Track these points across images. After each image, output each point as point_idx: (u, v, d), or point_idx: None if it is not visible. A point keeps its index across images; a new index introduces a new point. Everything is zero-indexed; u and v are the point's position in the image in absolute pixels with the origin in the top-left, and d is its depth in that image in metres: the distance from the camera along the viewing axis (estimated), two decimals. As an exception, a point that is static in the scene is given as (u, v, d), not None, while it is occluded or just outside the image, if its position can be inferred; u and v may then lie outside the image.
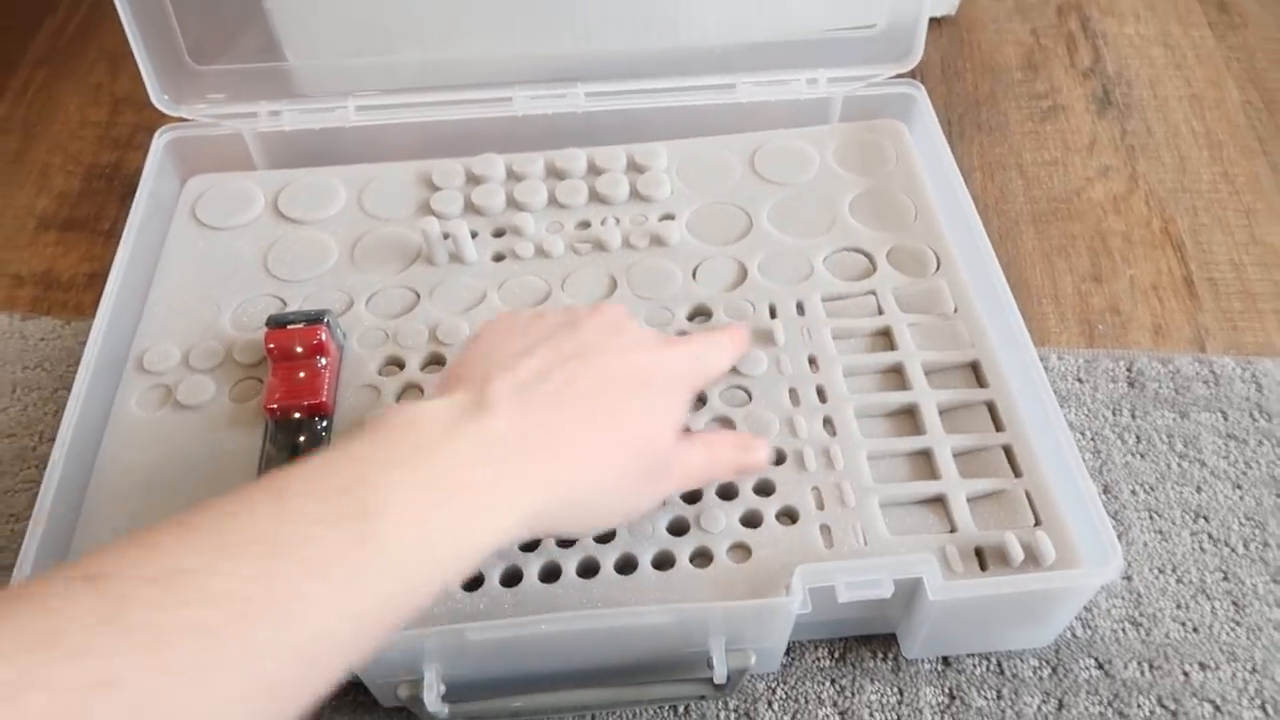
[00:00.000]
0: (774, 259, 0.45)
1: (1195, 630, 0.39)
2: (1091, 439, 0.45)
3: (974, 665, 0.38)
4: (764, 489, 0.38)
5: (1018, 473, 0.38)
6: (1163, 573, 0.41)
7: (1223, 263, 0.53)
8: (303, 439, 0.39)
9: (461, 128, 0.50)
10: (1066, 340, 0.50)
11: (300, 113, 0.50)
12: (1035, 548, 0.35)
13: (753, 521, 0.37)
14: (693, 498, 0.37)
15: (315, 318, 0.41)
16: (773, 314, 0.43)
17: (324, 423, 0.40)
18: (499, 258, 0.46)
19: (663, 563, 0.36)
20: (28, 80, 0.64)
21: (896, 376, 0.41)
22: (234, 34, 0.49)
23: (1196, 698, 0.37)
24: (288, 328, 0.40)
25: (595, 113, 0.50)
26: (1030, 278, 0.52)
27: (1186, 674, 0.38)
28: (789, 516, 0.37)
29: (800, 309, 0.43)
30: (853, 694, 0.37)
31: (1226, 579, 0.41)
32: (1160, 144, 0.59)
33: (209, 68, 0.49)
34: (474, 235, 0.46)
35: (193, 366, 0.42)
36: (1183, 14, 0.68)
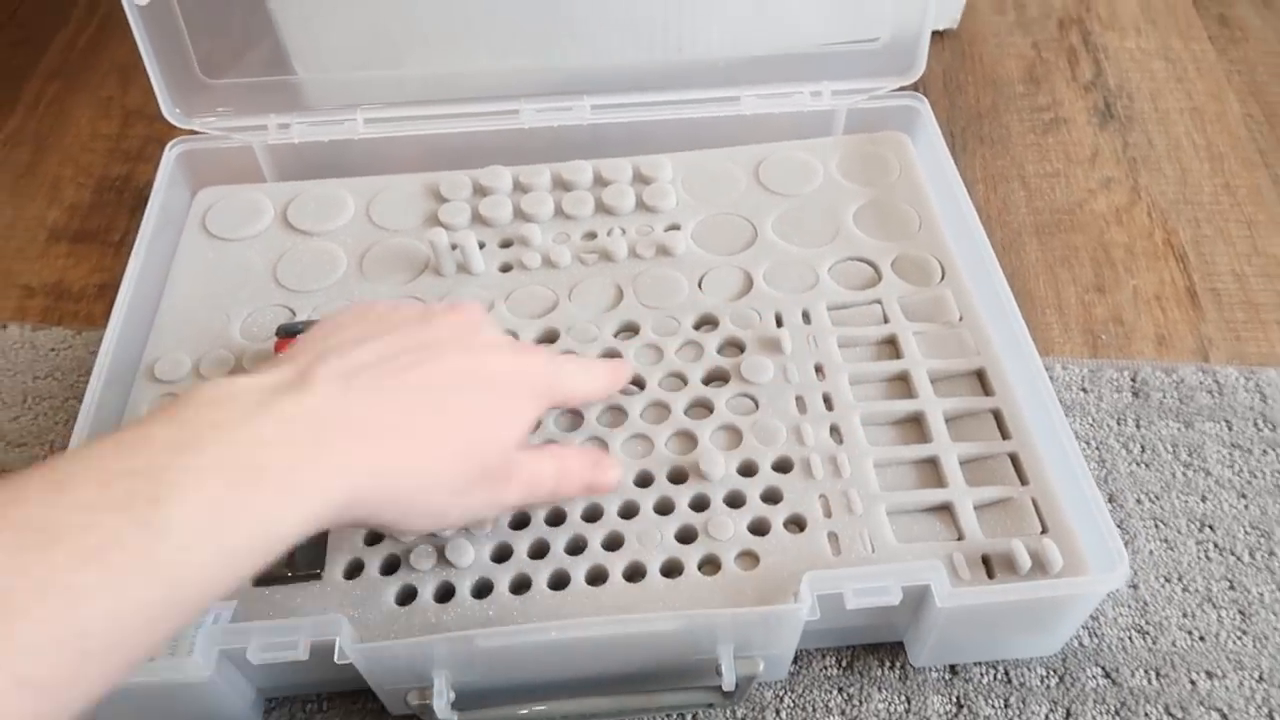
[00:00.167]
0: (779, 268, 0.46)
1: (1202, 639, 0.39)
2: (1096, 448, 0.45)
3: (981, 674, 0.38)
4: (772, 497, 0.38)
5: (1024, 480, 0.38)
6: (1169, 581, 0.41)
7: (1225, 274, 0.53)
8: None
9: (468, 140, 0.50)
10: (1070, 350, 0.50)
11: (309, 125, 0.50)
12: (1042, 555, 0.35)
13: (761, 529, 0.37)
14: (700, 505, 0.38)
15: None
16: (779, 322, 0.43)
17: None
18: (506, 268, 0.47)
19: (671, 570, 0.36)
20: (39, 93, 0.65)
21: (902, 384, 0.42)
22: (244, 48, 0.50)
23: (1204, 706, 0.37)
24: (297, 337, 0.40)
25: (601, 125, 0.51)
26: (1034, 288, 0.53)
27: (1193, 682, 0.38)
28: (797, 524, 0.37)
29: (806, 317, 0.44)
30: (860, 702, 0.37)
31: (1233, 588, 0.41)
32: (1162, 156, 0.60)
33: (219, 81, 0.49)
34: (481, 246, 0.47)
35: (203, 375, 0.42)
36: (1183, 28, 0.69)
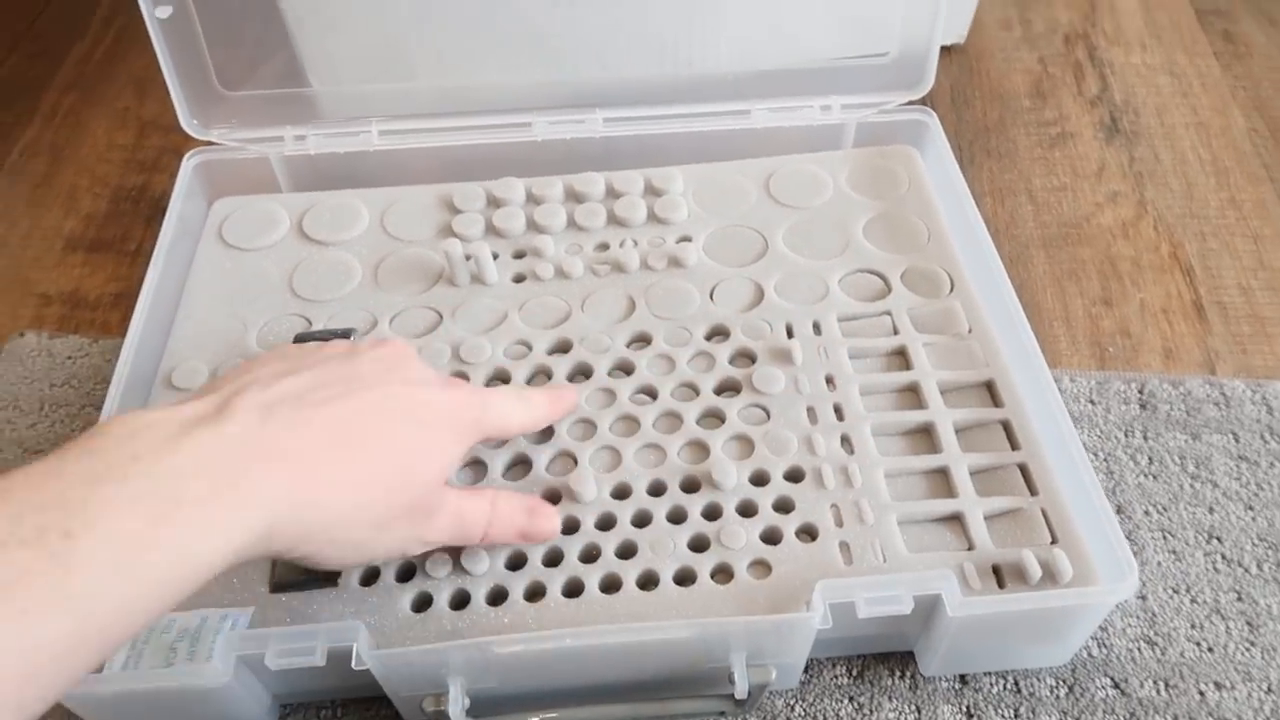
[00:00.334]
0: (790, 280, 0.46)
1: (1210, 650, 0.39)
2: (1104, 460, 0.46)
3: (991, 684, 0.38)
4: (783, 506, 0.38)
5: (1033, 491, 0.38)
6: (1177, 593, 0.41)
7: (1231, 287, 0.54)
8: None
9: (482, 152, 0.51)
10: (1078, 362, 0.50)
11: (324, 137, 0.51)
12: (1052, 565, 0.35)
13: (773, 538, 0.37)
14: (712, 514, 0.38)
15: (341, 336, 0.41)
16: (790, 334, 0.44)
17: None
18: (519, 279, 0.47)
19: (684, 579, 0.36)
20: (56, 105, 0.66)
21: (912, 395, 0.42)
22: (260, 60, 0.50)
23: (1212, 717, 0.38)
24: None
25: (613, 138, 0.51)
26: (1041, 301, 0.53)
27: (1202, 693, 0.38)
28: (808, 533, 0.37)
29: (817, 329, 0.44)
30: (871, 711, 0.38)
31: (1240, 599, 0.41)
32: (1168, 170, 0.60)
33: (236, 93, 0.50)
34: (495, 257, 0.47)
35: (220, 384, 0.43)
36: (1188, 43, 0.69)
